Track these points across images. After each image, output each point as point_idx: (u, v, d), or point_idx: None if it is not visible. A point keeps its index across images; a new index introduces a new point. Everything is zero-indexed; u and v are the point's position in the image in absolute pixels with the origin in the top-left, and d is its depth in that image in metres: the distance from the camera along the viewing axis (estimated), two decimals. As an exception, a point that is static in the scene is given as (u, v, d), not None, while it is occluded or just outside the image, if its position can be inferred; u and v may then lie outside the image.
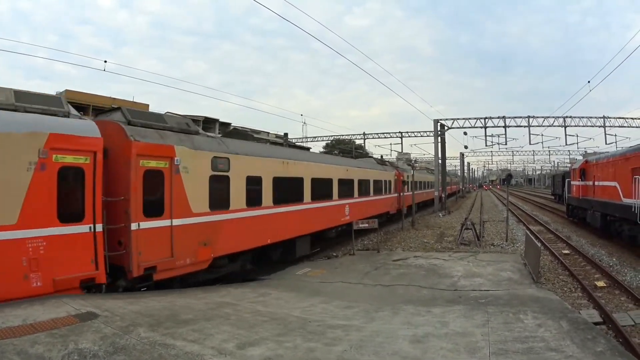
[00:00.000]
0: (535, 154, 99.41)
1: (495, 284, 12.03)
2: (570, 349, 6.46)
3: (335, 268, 15.38)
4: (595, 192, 22.77)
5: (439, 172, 45.65)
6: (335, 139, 67.82)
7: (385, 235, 24.83)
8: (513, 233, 24.34)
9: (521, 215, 37.86)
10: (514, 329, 7.59)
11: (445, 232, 25.78)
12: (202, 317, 8.07)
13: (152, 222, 10.61)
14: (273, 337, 7.05)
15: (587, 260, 16.37)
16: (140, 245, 10.18)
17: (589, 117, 45.78)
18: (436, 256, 16.92)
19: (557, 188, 54.09)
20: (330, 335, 7.17)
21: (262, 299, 10.43)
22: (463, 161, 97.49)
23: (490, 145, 51.14)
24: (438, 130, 45.59)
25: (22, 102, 8.94)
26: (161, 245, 10.81)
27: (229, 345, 6.51)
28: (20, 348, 5.77)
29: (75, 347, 5.93)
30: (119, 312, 7.83)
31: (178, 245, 11.11)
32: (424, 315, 8.74)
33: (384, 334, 7.30)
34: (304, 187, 17.71)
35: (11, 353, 5.61)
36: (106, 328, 6.79)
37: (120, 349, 6.03)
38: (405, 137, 60.37)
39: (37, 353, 5.68)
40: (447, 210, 42.34)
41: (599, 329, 8.19)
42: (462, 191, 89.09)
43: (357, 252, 18.73)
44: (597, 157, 24.01)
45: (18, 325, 6.57)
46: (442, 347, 6.55)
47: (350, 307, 9.54)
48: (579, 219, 28.06)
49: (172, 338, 6.62)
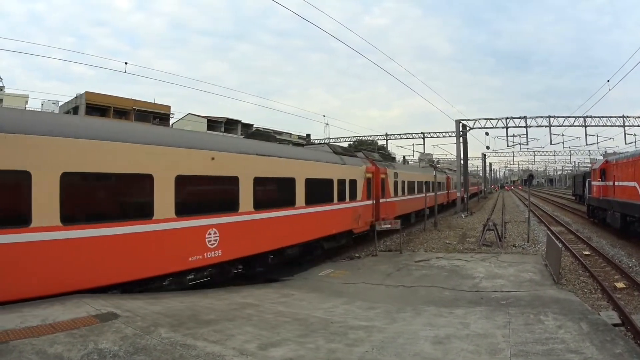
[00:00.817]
0: (556, 154, 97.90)
1: (516, 285, 11.94)
2: (589, 351, 6.40)
3: (357, 269, 15.39)
4: (615, 193, 22.31)
5: (461, 172, 45.26)
6: (358, 140, 66.79)
7: (408, 236, 24.74)
8: (534, 234, 24.01)
9: (542, 215, 37.34)
10: (535, 330, 7.54)
11: (467, 233, 25.59)
12: (224, 318, 8.02)
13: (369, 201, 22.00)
14: (295, 337, 7.00)
15: (607, 261, 16.10)
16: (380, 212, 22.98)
17: (609, 116, 44.99)
18: (458, 257, 16.84)
19: (577, 188, 53.30)
20: (352, 336, 7.15)
21: (284, 299, 10.42)
22: (485, 162, 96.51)
23: (512, 146, 50.50)
24: (460, 131, 45.06)
25: (340, 153, 20.49)
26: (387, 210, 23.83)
27: (250, 345, 6.43)
28: (39, 348, 5.67)
29: (95, 347, 5.85)
30: (140, 312, 7.78)
31: (383, 212, 23.29)
32: (446, 316, 8.72)
33: (405, 335, 7.28)
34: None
35: (29, 353, 5.51)
36: (127, 328, 6.71)
37: (140, 349, 5.95)
38: (427, 137, 60.00)
39: (56, 353, 5.59)
40: (469, 211, 41.97)
41: (618, 330, 8.09)
42: (484, 192, 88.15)
43: (379, 253, 18.73)
44: (617, 157, 23.48)
45: (37, 325, 6.47)
46: (464, 349, 6.53)
47: (372, 308, 9.53)
48: (599, 220, 27.45)
49: (193, 338, 6.55)
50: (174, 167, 10.56)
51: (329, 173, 18.23)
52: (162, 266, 10.20)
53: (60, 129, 8.49)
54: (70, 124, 9.06)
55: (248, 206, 12.72)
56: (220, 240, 11.52)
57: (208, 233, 11.23)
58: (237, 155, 12.81)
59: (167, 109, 54.46)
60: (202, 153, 11.44)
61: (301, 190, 15.70)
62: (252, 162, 13.24)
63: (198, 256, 10.96)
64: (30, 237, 7.79)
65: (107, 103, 46.98)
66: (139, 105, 51.00)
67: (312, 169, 16.82)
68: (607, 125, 45.20)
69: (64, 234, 8.20)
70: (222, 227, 11.64)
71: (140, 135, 10.18)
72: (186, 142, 11.24)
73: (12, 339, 5.87)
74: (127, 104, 49.93)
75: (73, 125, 8.99)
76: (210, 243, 11.28)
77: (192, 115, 54.58)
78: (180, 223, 10.50)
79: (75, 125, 9.14)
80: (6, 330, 6.13)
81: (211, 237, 11.31)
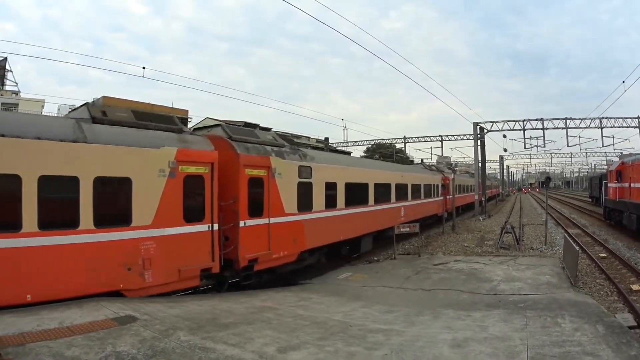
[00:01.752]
0: (573, 156, 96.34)
1: (534, 288, 11.84)
2: (605, 353, 6.36)
3: (376, 272, 15.36)
4: (632, 194, 21.93)
5: (479, 175, 44.93)
6: (376, 144, 66.21)
7: (426, 240, 24.56)
8: (552, 236, 23.68)
9: (559, 218, 36.83)
10: (552, 333, 7.49)
11: (485, 235, 25.37)
12: (243, 321, 7.98)
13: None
14: (314, 341, 6.97)
15: (624, 263, 15.87)
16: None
17: (624, 117, 44.26)
18: (476, 260, 16.73)
19: (594, 190, 52.43)
20: (371, 340, 7.13)
21: (303, 303, 10.40)
22: (502, 164, 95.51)
23: (529, 148, 49.90)
24: (478, 134, 44.66)
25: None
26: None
27: (269, 349, 6.39)
28: (56, 350, 5.61)
29: (113, 349, 5.80)
30: (158, 315, 7.77)
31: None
32: (464, 319, 8.70)
33: (424, 338, 7.28)
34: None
35: (46, 355, 5.45)
36: (145, 331, 6.67)
37: (159, 352, 5.90)
38: (445, 140, 59.51)
39: (73, 355, 5.53)
40: (487, 213, 41.58)
41: (633, 332, 8.00)
42: (501, 194, 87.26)
43: (398, 256, 18.71)
44: (633, 159, 23.09)
45: (54, 328, 6.42)
46: (482, 352, 6.53)
47: (391, 312, 9.50)
48: (615, 222, 26.99)
49: (212, 342, 6.50)
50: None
51: (428, 180, 30.51)
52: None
53: (323, 160, 12.96)
54: (324, 157, 12.70)
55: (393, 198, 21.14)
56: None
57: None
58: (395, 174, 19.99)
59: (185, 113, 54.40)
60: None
61: (409, 191, 25.33)
62: (392, 175, 22.84)
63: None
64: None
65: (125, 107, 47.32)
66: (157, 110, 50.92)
67: (415, 178, 27.17)
68: (623, 127, 44.42)
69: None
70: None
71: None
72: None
73: (29, 341, 5.88)
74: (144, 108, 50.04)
75: (326, 157, 13.05)
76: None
77: (209, 119, 53.76)
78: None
79: (328, 157, 13.64)
80: (23, 333, 6.16)
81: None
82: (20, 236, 7.74)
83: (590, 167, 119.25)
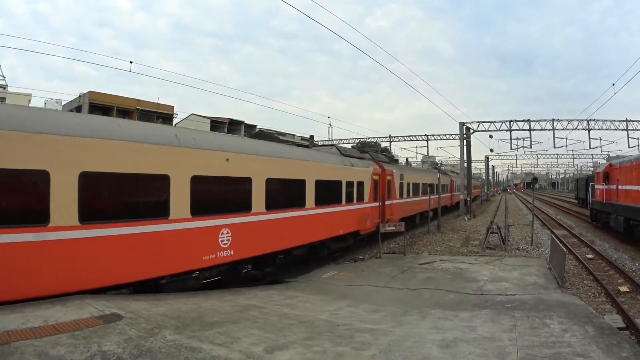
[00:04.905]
0: (559, 157, 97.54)
1: (521, 288, 11.89)
2: (596, 354, 6.38)
3: (361, 271, 15.33)
4: (619, 196, 22.25)
5: (465, 175, 45.18)
6: (361, 142, 66.18)
7: (412, 239, 24.65)
8: (538, 237, 23.96)
9: (545, 219, 37.22)
10: (541, 334, 7.51)
11: (470, 235, 25.53)
12: (229, 320, 7.93)
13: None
14: (301, 340, 6.92)
15: (611, 264, 16.06)
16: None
17: (612, 120, 44.83)
18: (462, 260, 16.80)
19: (580, 192, 53.12)
20: (359, 339, 7.08)
21: (289, 301, 10.35)
22: (488, 164, 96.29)
23: (515, 149, 50.39)
24: (464, 134, 45.07)
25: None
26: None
27: (257, 349, 6.34)
28: (41, 349, 5.57)
29: (99, 349, 5.75)
30: (144, 313, 7.70)
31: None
32: (452, 319, 8.70)
33: (412, 338, 7.24)
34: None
35: (31, 354, 5.42)
36: (131, 330, 6.60)
37: (145, 351, 5.86)
38: (431, 140, 59.79)
39: (58, 355, 5.49)
40: (472, 213, 41.92)
41: (623, 334, 8.06)
42: (486, 194, 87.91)
43: (383, 255, 18.70)
44: (621, 161, 23.46)
45: (39, 326, 6.36)
46: (471, 352, 6.51)
47: (378, 311, 9.48)
48: (602, 223, 27.36)
49: (198, 341, 6.46)
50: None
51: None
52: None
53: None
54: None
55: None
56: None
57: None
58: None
59: (171, 109, 54.19)
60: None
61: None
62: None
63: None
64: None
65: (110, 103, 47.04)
66: (143, 105, 50.82)
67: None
68: (611, 129, 45.10)
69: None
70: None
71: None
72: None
73: (14, 340, 5.77)
74: (130, 103, 49.77)
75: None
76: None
77: (195, 115, 54.53)
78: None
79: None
80: (8, 332, 6.04)
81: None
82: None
83: (577, 169, 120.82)
